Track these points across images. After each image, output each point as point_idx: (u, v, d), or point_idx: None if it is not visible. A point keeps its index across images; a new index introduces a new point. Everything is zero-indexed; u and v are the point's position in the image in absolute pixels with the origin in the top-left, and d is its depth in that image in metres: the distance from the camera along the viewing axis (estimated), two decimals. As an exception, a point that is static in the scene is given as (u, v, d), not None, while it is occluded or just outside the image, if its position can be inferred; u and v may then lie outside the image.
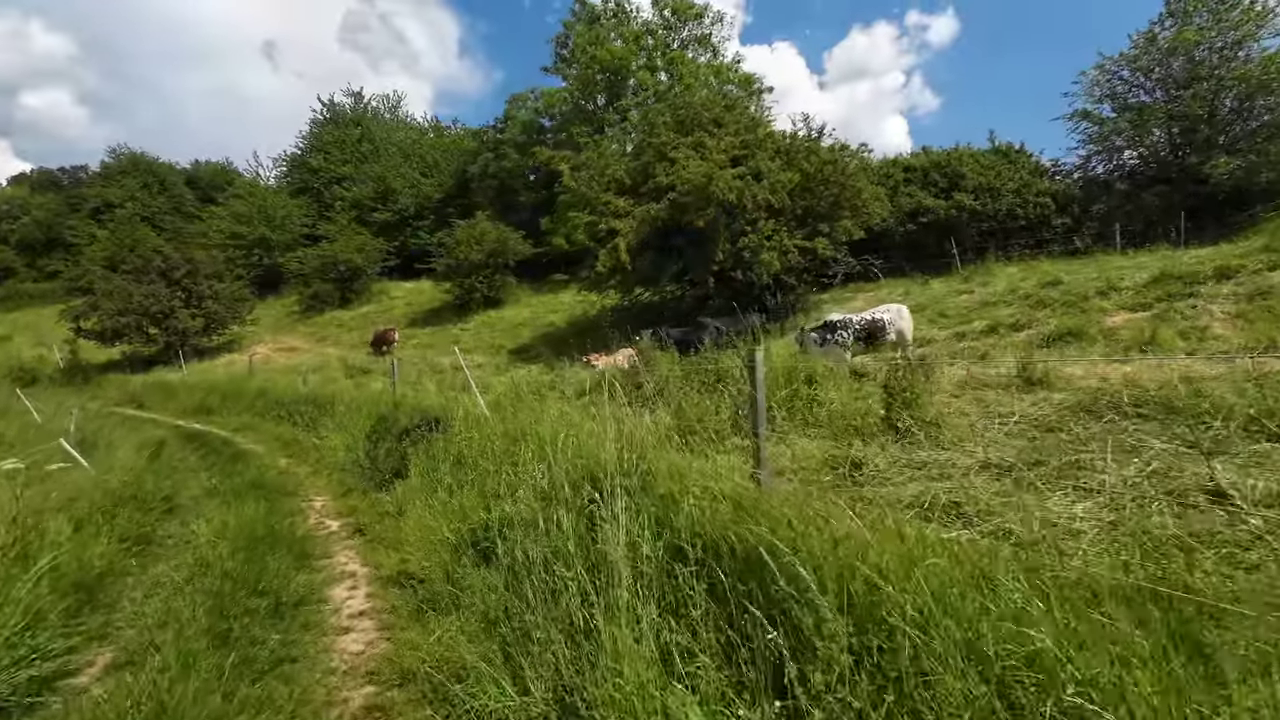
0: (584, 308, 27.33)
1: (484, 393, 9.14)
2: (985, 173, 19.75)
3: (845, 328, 8.16)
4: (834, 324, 8.22)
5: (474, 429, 7.35)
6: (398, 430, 8.38)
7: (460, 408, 8.84)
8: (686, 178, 13.80)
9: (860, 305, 18.03)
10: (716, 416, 5.90)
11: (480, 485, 5.53)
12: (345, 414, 12.20)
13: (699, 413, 5.76)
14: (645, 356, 9.24)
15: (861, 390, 6.64)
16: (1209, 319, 9.45)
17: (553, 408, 9.00)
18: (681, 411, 5.91)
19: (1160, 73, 19.54)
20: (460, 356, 9.12)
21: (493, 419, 8.01)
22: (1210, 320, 9.37)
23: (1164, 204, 18.00)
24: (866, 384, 7.14)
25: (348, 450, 9.84)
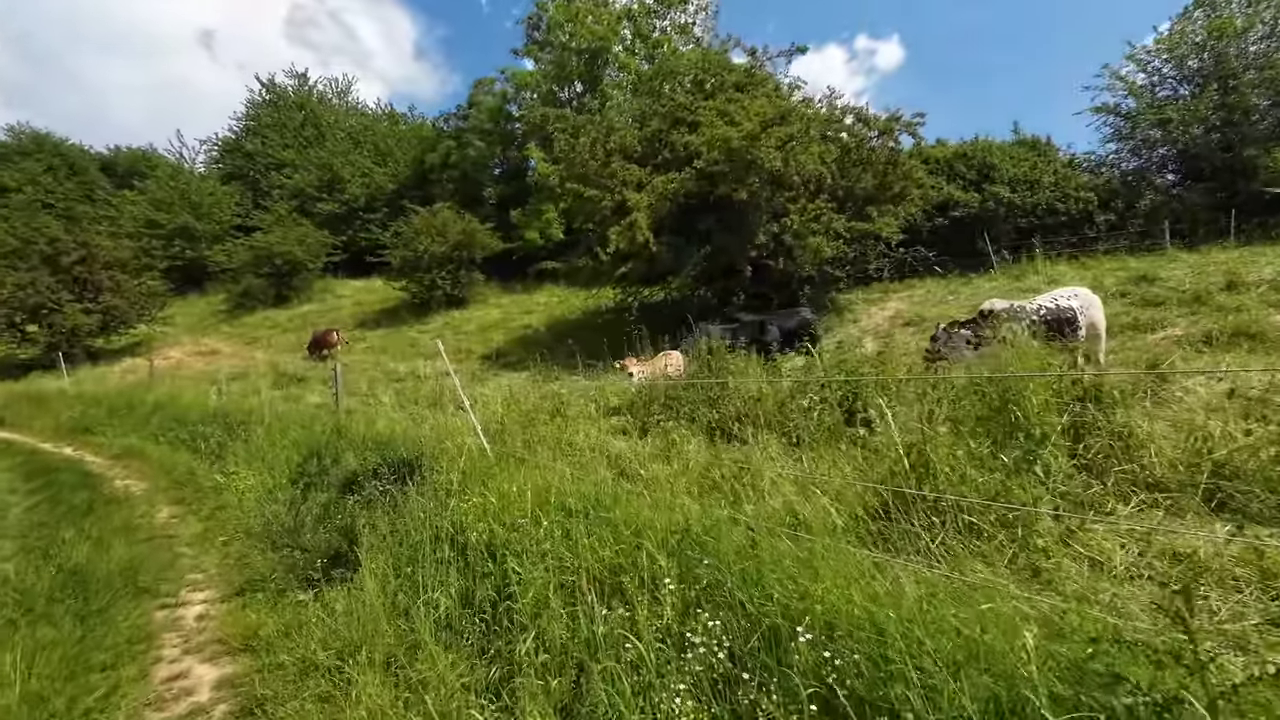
0: (564, 309, 24.26)
1: (469, 407, 6.04)
2: (1019, 164, 17.99)
3: (1016, 318, 5.60)
4: (995, 314, 5.66)
5: (477, 482, 4.31)
6: (342, 475, 5.18)
7: (442, 436, 5.75)
8: (722, 138, 11.11)
9: (897, 305, 15.74)
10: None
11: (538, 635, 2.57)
12: (266, 440, 8.79)
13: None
14: (718, 360, 6.37)
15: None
16: None
17: (585, 435, 6.01)
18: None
19: (1198, 63, 18.32)
20: (445, 356, 5.98)
21: (500, 459, 4.96)
22: None
23: (1210, 201, 16.62)
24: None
25: (264, 499, 6.52)
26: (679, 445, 5.20)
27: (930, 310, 13.74)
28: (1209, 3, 18.85)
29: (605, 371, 10.18)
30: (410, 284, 25.32)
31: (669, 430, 5.34)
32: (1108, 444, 3.30)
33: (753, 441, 5.18)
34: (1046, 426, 3.41)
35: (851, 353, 6.11)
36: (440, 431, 5.97)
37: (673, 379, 6.85)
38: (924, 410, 4.02)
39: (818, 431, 4.80)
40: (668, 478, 4.48)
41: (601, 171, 13.28)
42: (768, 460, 4.02)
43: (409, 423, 7.54)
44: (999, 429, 3.88)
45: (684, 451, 5.15)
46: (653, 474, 4.66)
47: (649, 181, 12.16)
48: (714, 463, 4.64)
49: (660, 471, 4.66)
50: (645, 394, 6.55)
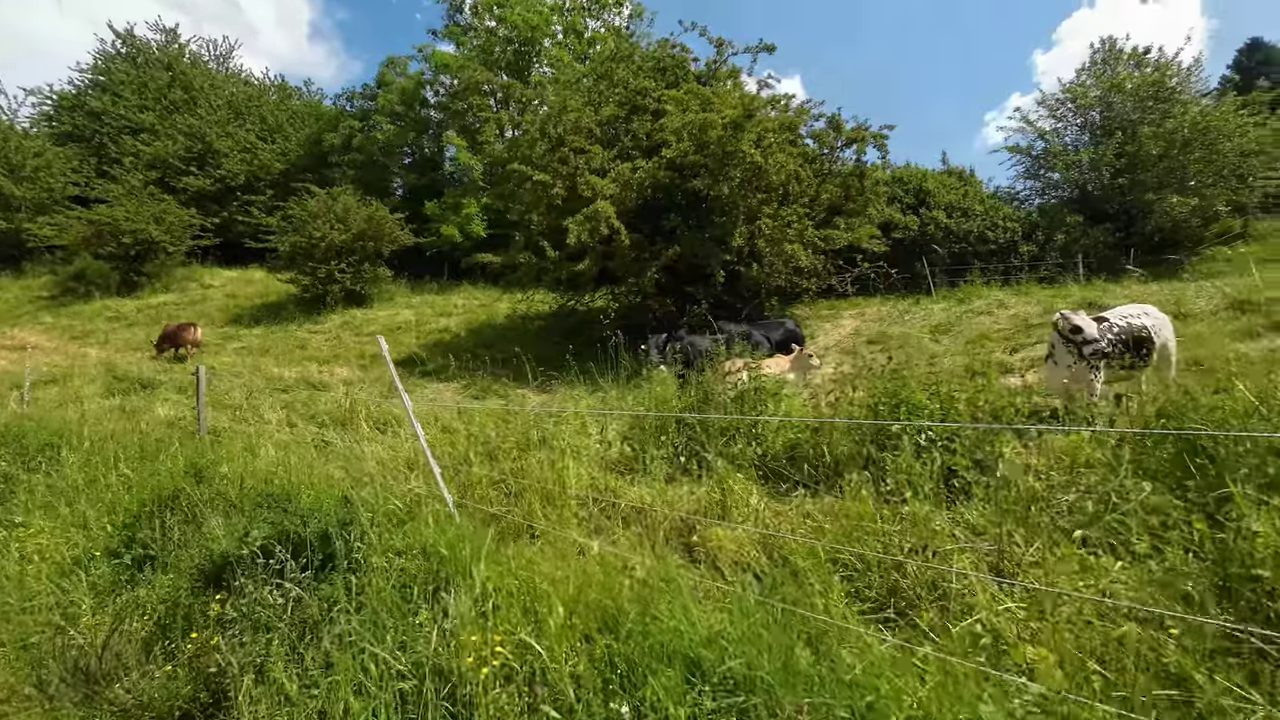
0: (487, 313, 21.90)
1: (421, 435, 4.19)
2: (951, 192, 18.59)
3: (1094, 337, 4.73)
4: (1079, 330, 4.75)
5: (461, 578, 2.55)
6: (202, 557, 3.09)
7: (374, 478, 3.87)
8: (700, 124, 9.86)
9: (854, 323, 15.35)
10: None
11: None
12: (82, 474, 6.18)
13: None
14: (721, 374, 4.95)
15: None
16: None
17: (579, 477, 4.37)
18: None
19: (1097, 116, 20.09)
20: (387, 355, 4.01)
21: (477, 523, 3.20)
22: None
23: (1111, 239, 18.04)
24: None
25: (63, 576, 4.16)
26: (735, 495, 3.70)
27: (891, 328, 13.36)
28: (1102, 62, 20.85)
29: (565, 385, 8.43)
30: (301, 276, 21.72)
31: (721, 474, 3.81)
32: None
33: (833, 492, 3.81)
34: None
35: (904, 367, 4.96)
36: (371, 471, 4.02)
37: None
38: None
39: (927, 478, 3.50)
40: (812, 569, 2.93)
41: (552, 155, 11.57)
42: (948, 540, 2.63)
43: (311, 454, 5.41)
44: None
45: (746, 505, 3.65)
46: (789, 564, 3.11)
47: (611, 168, 10.66)
48: (823, 525, 3.19)
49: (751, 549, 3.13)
50: (649, 422, 4.98)
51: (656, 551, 2.91)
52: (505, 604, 2.41)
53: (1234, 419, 2.95)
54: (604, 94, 12.84)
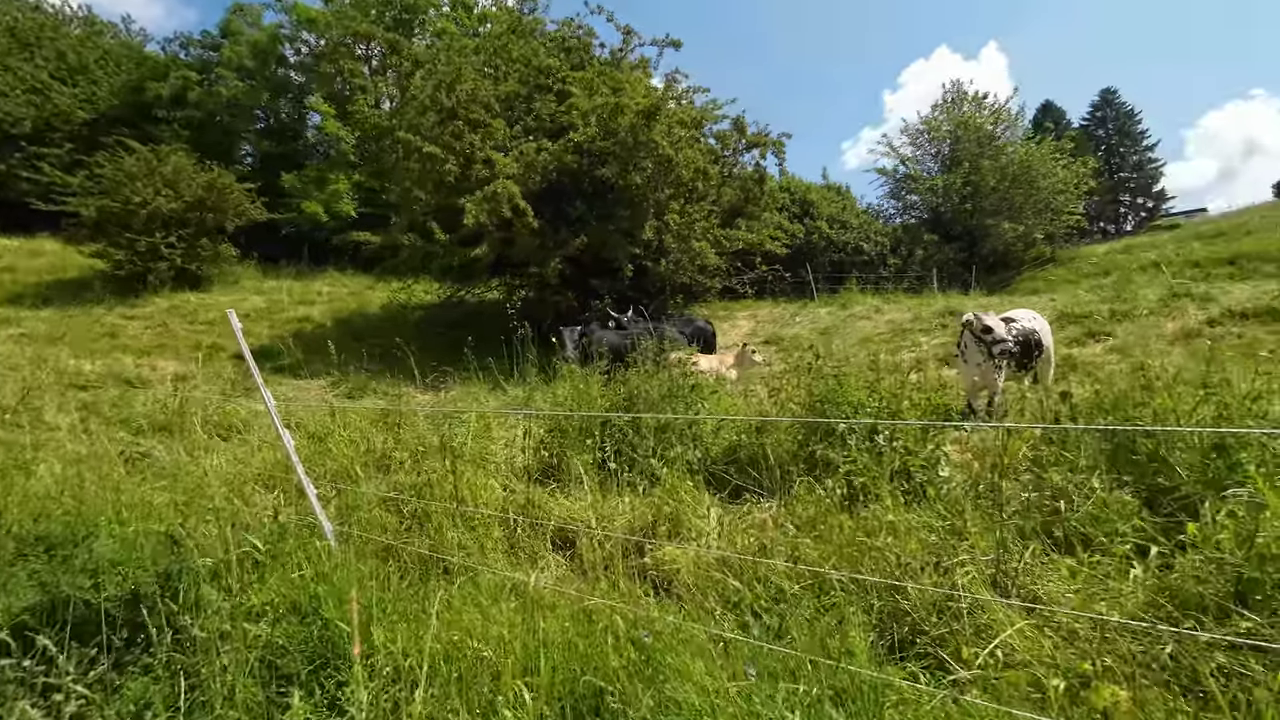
0: (358, 302, 19.60)
1: (288, 440, 3.24)
2: (831, 204, 19.96)
3: (1004, 337, 4.97)
4: (990, 330, 4.98)
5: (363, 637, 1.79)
6: None
7: (215, 503, 2.88)
8: (612, 107, 9.33)
9: (748, 324, 15.75)
10: None
11: None
12: None
13: None
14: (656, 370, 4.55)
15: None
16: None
17: (494, 490, 3.68)
18: None
19: (947, 148, 22.76)
20: (240, 335, 2.97)
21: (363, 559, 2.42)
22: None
23: (959, 257, 20.52)
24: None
25: None
26: (686, 506, 3.24)
27: (784, 330, 13.87)
28: (951, 101, 23.69)
29: (461, 383, 7.47)
30: (113, 249, 17.83)
31: (671, 484, 3.34)
32: None
33: (782, 497, 3.50)
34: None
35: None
36: (213, 493, 3.00)
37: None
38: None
39: (885, 480, 3.33)
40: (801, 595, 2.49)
41: (443, 128, 10.38)
42: (955, 559, 2.36)
43: (119, 472, 4.10)
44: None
45: (696, 519, 3.21)
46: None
47: (513, 146, 9.77)
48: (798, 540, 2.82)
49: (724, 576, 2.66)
50: (572, 424, 4.40)
51: (621, 586, 2.36)
52: (426, 683, 1.72)
53: (1171, 417, 3.08)
54: (501, 69, 11.87)
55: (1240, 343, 9.01)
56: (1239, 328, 9.78)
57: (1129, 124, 51.64)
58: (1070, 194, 21.69)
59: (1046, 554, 2.55)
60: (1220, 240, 23.78)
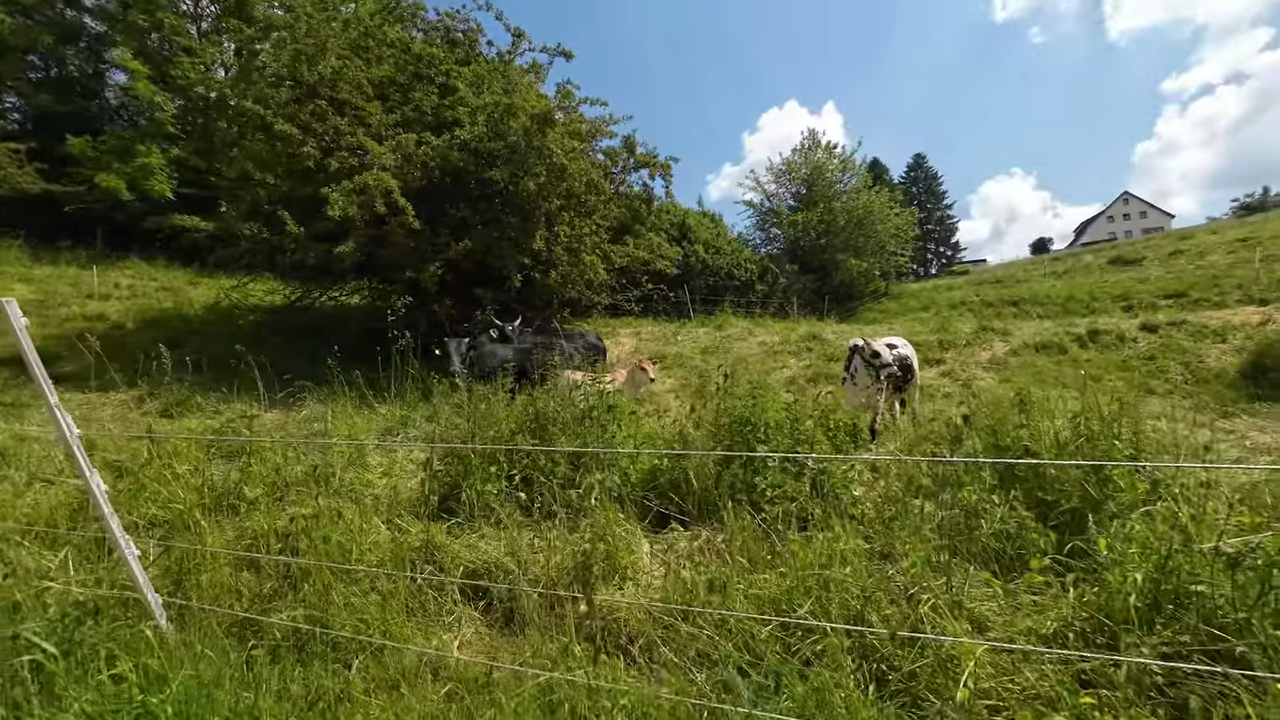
0: (174, 300, 16.40)
1: (94, 480, 2.39)
2: (707, 230, 21.01)
3: (889, 361, 5.39)
4: (878, 354, 5.36)
5: None
6: None
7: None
8: (509, 108, 8.74)
9: (630, 341, 15.79)
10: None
11: None
12: None
13: None
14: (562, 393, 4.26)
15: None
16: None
17: (383, 534, 3.11)
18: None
19: (800, 187, 25.24)
20: (20, 331, 2.08)
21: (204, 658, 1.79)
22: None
23: (814, 286, 22.73)
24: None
25: None
26: (620, 541, 2.94)
27: (667, 348, 14.12)
28: (808, 148, 26.40)
29: (319, 400, 6.37)
30: None
31: (605, 517, 3.01)
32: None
33: (709, 525, 3.35)
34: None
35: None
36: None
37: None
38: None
39: (816, 506, 3.35)
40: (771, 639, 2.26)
41: (301, 107, 9.02)
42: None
43: None
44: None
45: (629, 555, 2.92)
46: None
47: (389, 135, 8.74)
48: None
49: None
50: (474, 450, 3.90)
51: (575, 650, 1.98)
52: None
53: (1048, 437, 3.47)
54: (374, 51, 10.72)
55: (1035, 369, 10.95)
56: (1031, 357, 11.90)
57: (934, 184, 61.92)
58: (900, 238, 25.27)
59: (968, 573, 2.67)
60: (998, 286, 29.31)
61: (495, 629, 2.59)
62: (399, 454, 4.77)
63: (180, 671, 1.61)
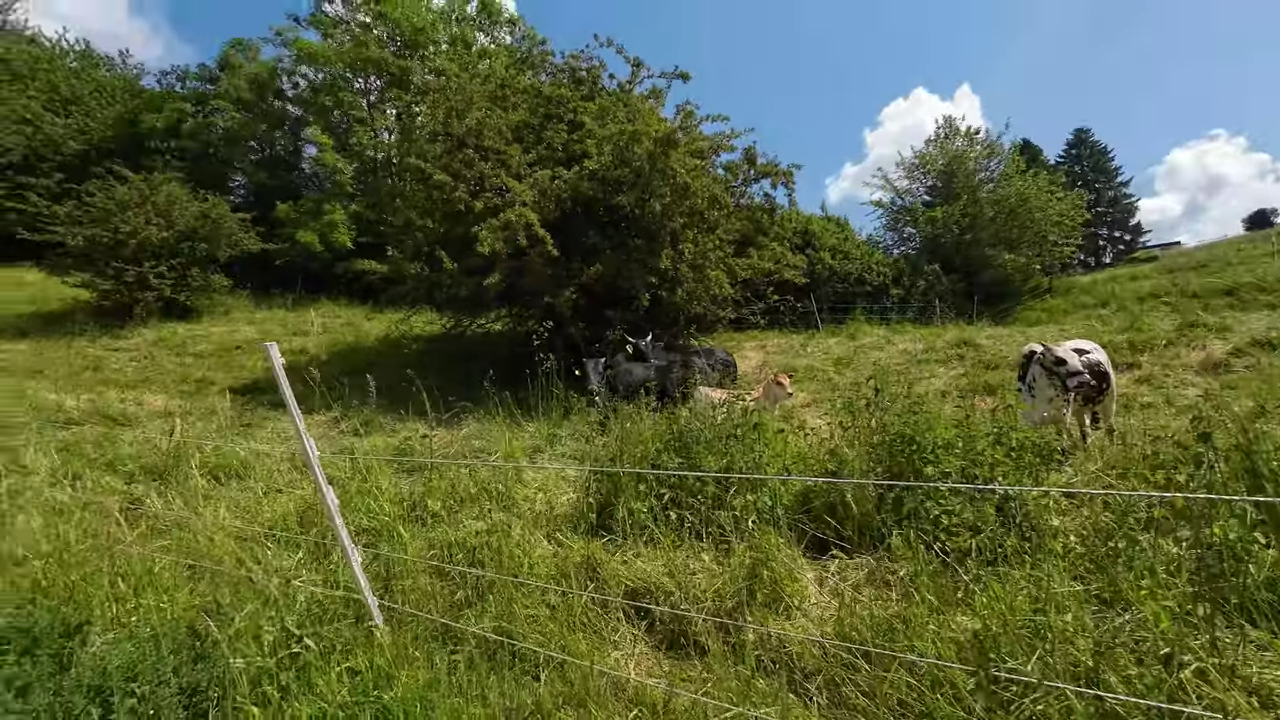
0: (354, 334, 19.06)
1: (331, 500, 2.78)
2: (832, 235, 20.02)
3: (1079, 369, 4.64)
4: (1063, 362, 4.65)
5: None
6: None
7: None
8: (633, 135, 9.14)
9: (756, 355, 15.45)
10: None
11: None
12: None
13: None
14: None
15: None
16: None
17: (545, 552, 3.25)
18: None
19: (936, 180, 23.13)
20: (278, 367, 2.53)
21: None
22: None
23: (960, 287, 20.57)
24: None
25: None
26: (779, 566, 2.81)
27: (796, 360, 13.59)
28: (945, 136, 24.21)
29: (476, 420, 6.99)
30: (100, 279, 17.31)
31: (765, 541, 2.91)
32: None
33: (874, 552, 3.09)
34: None
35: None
36: (221, 555, 2.52)
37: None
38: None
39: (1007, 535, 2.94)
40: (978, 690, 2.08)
41: (453, 157, 10.15)
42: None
43: (112, 527, 3.60)
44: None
45: (792, 583, 2.78)
46: None
47: (528, 174, 9.54)
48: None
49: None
50: (622, 468, 3.98)
51: (759, 684, 1.91)
52: None
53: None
54: (510, 99, 11.78)
55: (1270, 374, 8.84)
56: (1265, 357, 9.64)
57: (1103, 160, 53.49)
58: (1065, 226, 22.06)
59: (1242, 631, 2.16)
60: (1202, 271, 24.22)
61: (661, 650, 2.58)
62: (549, 470, 5.02)
63: (403, 672, 1.80)
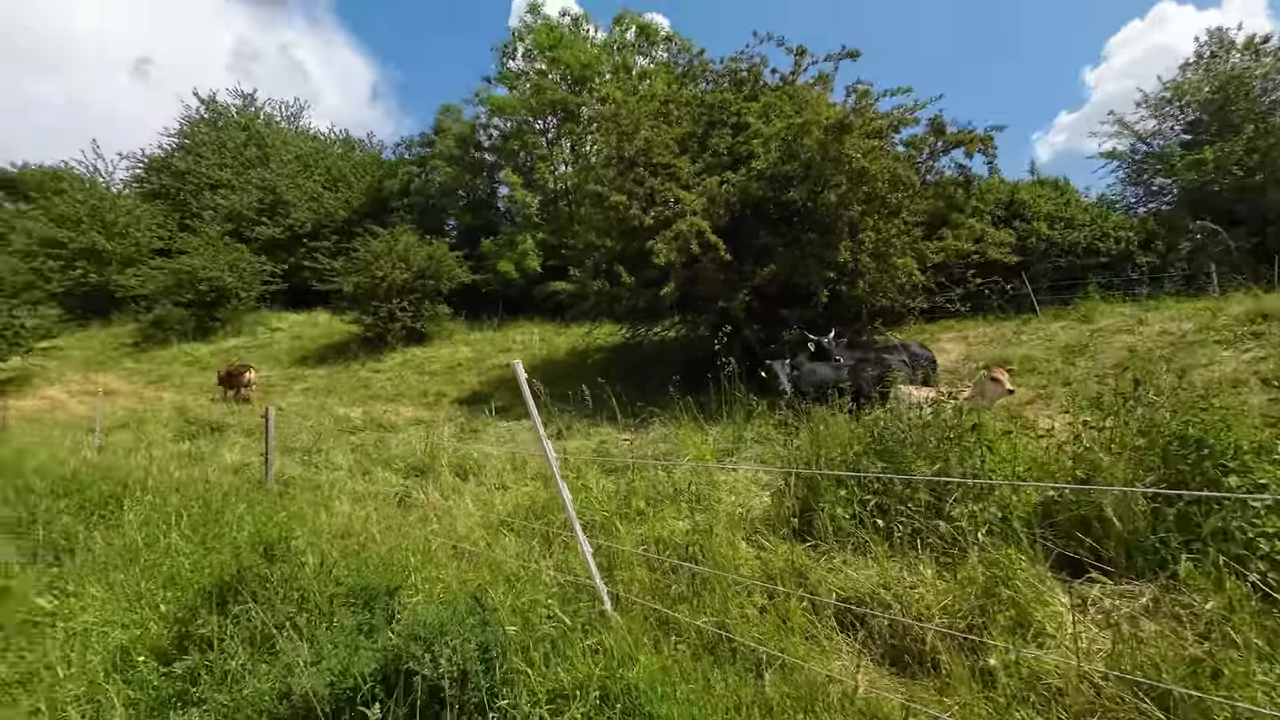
0: (547, 348, 21.32)
1: (568, 500, 3.14)
2: (1048, 202, 16.93)
3: None
4: None
5: None
6: (292, 704, 2.08)
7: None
8: (800, 128, 8.89)
9: (955, 347, 13.72)
10: None
11: None
12: (141, 533, 5.45)
13: None
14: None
15: None
16: None
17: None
18: None
19: (1199, 114, 18.20)
20: (523, 383, 3.00)
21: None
22: None
23: (1246, 246, 15.88)
24: None
25: (108, 675, 3.29)
26: (1022, 585, 2.48)
27: (1008, 351, 11.77)
28: (1210, 56, 19.00)
29: (662, 423, 7.35)
30: (364, 315, 21.86)
31: (1006, 556, 2.61)
32: None
33: (1149, 578, 2.53)
34: None
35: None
36: (465, 535, 3.02)
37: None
38: None
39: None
40: None
41: (625, 177, 10.85)
42: None
43: (393, 512, 4.50)
44: None
45: (1039, 607, 2.42)
46: None
47: (696, 183, 9.80)
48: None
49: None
50: (821, 471, 3.83)
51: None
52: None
53: None
54: (674, 114, 12.18)
55: None
56: None
57: None
58: None
59: None
60: None
61: (883, 666, 2.45)
62: (739, 473, 5.06)
63: (640, 654, 1.99)
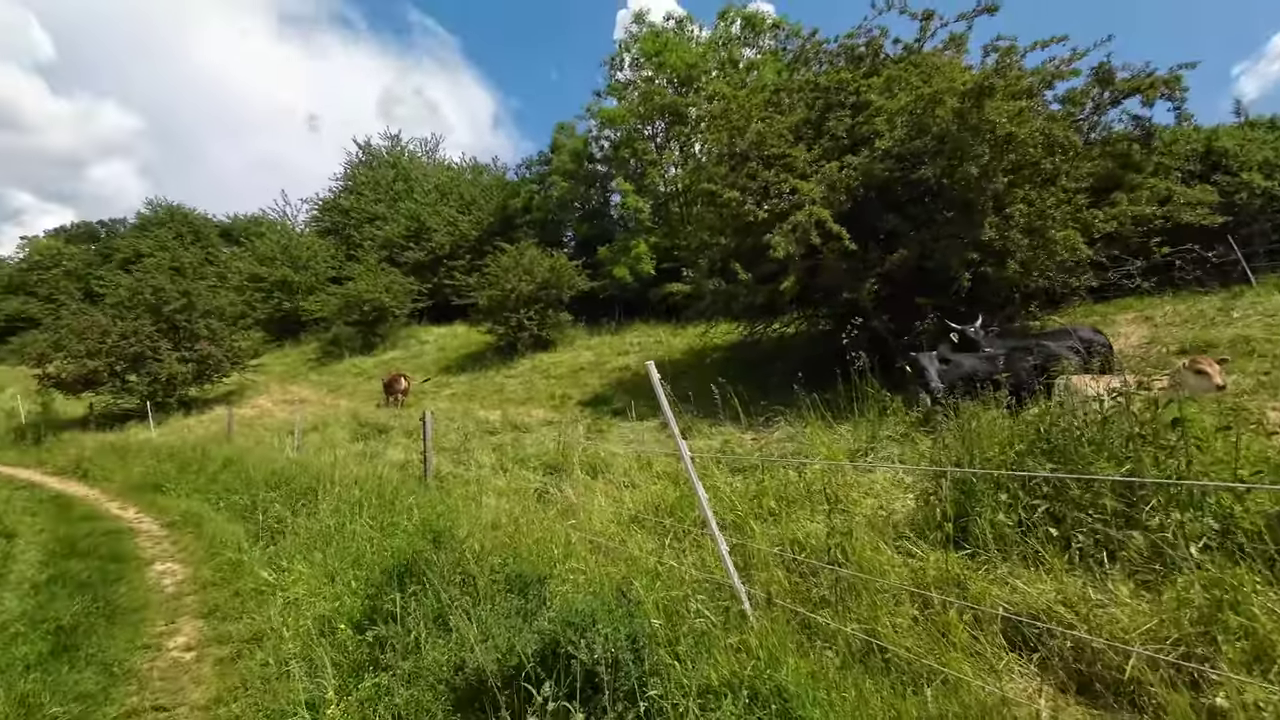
0: (662, 349, 21.63)
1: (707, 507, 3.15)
2: (1262, 147, 13.84)
3: None
4: None
5: None
6: (464, 673, 2.32)
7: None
8: (931, 98, 8.16)
9: (1135, 329, 11.73)
10: None
11: None
12: (333, 519, 6.35)
13: None
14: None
15: None
16: None
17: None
18: None
19: None
20: (657, 385, 3.09)
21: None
22: None
23: None
24: None
25: (317, 639, 3.91)
26: (1264, 620, 2.05)
27: (1210, 333, 9.80)
28: None
29: (787, 422, 7.12)
30: (496, 326, 23.78)
31: (1236, 580, 2.20)
32: None
33: None
34: None
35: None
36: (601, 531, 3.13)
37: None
38: None
39: None
40: None
41: (736, 173, 10.67)
42: None
43: (534, 507, 4.82)
44: None
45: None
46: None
47: (813, 171, 9.37)
48: None
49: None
50: (975, 475, 3.45)
51: None
52: None
53: None
54: (785, 103, 11.73)
55: None
56: None
57: None
58: None
59: None
60: None
61: (1068, 693, 2.16)
62: (877, 473, 4.76)
63: (787, 656, 1.94)
